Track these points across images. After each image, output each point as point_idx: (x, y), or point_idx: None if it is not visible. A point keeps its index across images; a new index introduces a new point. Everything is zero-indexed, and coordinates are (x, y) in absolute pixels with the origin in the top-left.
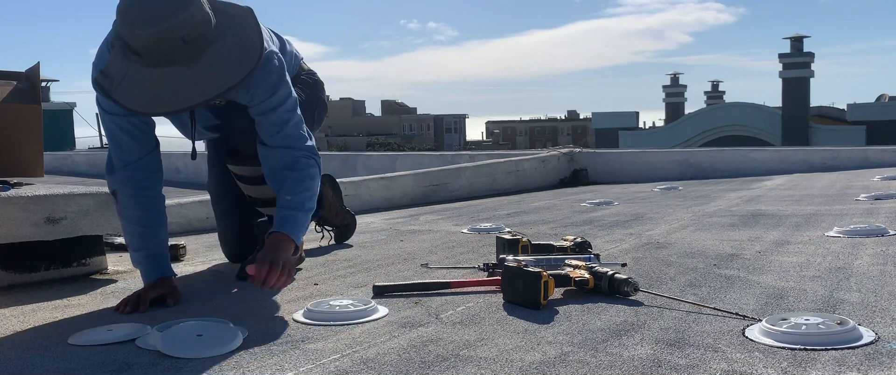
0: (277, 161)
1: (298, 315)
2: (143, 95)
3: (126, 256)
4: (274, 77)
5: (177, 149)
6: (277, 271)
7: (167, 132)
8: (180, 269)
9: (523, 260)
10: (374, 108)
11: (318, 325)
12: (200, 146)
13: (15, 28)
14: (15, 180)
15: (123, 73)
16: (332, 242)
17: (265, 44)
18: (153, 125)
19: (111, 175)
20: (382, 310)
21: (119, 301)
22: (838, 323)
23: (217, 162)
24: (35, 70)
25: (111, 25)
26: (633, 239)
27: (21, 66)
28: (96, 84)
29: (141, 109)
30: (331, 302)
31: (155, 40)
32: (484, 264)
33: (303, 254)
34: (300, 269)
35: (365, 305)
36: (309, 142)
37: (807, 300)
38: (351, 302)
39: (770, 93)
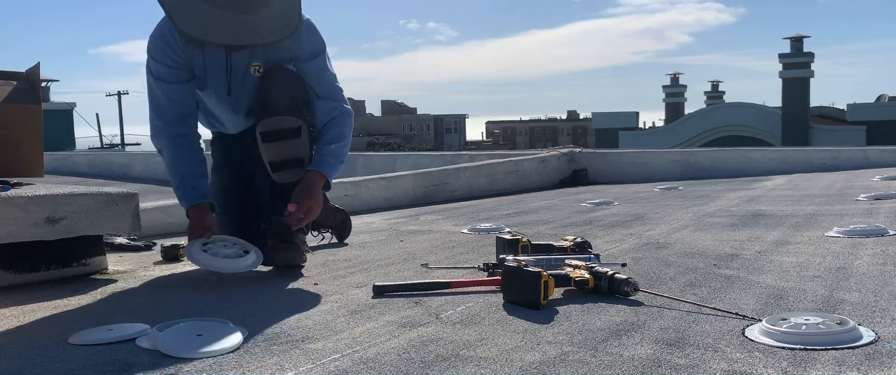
0: (325, 114)
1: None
2: (192, 21)
3: (126, 256)
4: (316, 35)
5: None
6: (311, 212)
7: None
8: (180, 269)
9: (523, 260)
10: (374, 108)
11: None
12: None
13: (15, 28)
14: (15, 180)
15: (185, 1)
16: (334, 240)
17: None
18: (192, 92)
19: (155, 138)
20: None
21: (118, 301)
22: (838, 323)
23: (223, 163)
24: (35, 70)
25: (114, 26)
26: (633, 239)
27: (21, 66)
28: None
29: (192, 32)
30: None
31: None
32: (484, 264)
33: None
34: (303, 267)
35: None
36: (346, 95)
37: (807, 300)
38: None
39: (770, 93)
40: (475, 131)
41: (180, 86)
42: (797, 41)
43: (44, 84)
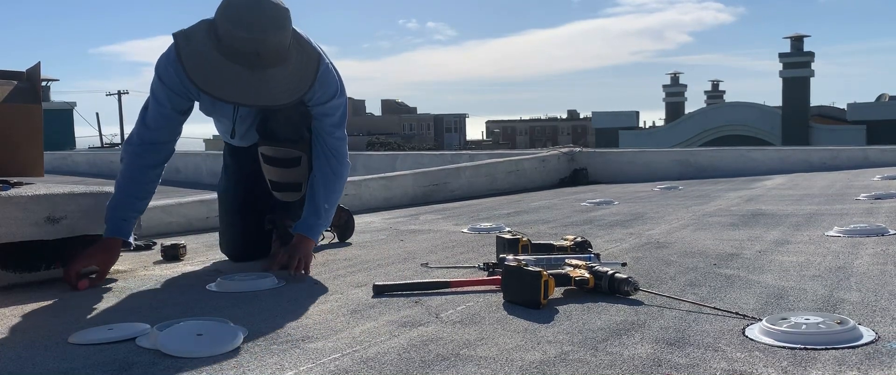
0: (320, 168)
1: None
2: (207, 77)
3: (126, 256)
4: (330, 82)
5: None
6: (302, 266)
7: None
8: (180, 269)
9: (523, 260)
10: (374, 108)
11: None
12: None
13: (15, 27)
14: (15, 180)
15: (201, 52)
16: (336, 240)
17: (323, 57)
18: (179, 125)
19: (127, 145)
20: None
21: (118, 300)
22: (838, 323)
23: (232, 164)
24: (35, 70)
25: (114, 26)
26: (633, 238)
27: (21, 66)
28: (173, 47)
29: (208, 90)
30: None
31: (245, 44)
32: (484, 263)
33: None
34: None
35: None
36: (347, 156)
37: (807, 299)
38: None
39: (770, 93)
40: (475, 131)
41: (174, 114)
42: (797, 41)
43: (44, 83)
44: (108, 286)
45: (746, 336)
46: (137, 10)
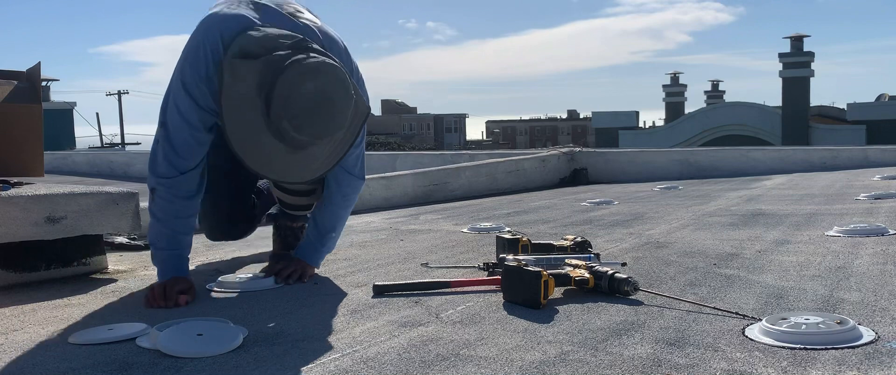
0: (331, 196)
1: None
2: (248, 148)
3: (126, 256)
4: (358, 150)
5: None
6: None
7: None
8: None
9: (523, 260)
10: (374, 108)
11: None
12: None
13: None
14: (15, 180)
15: (245, 115)
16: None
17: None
18: (208, 145)
19: (156, 176)
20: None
21: (118, 300)
22: (838, 323)
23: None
24: (35, 69)
25: (114, 26)
26: (633, 238)
27: (21, 66)
28: (206, 64)
29: (245, 158)
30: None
31: (300, 143)
32: (484, 263)
33: None
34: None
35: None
36: (361, 185)
37: (807, 299)
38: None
39: (770, 93)
40: (475, 131)
41: (205, 136)
42: (797, 41)
43: (44, 83)
44: (108, 286)
45: (746, 336)
46: (137, 10)
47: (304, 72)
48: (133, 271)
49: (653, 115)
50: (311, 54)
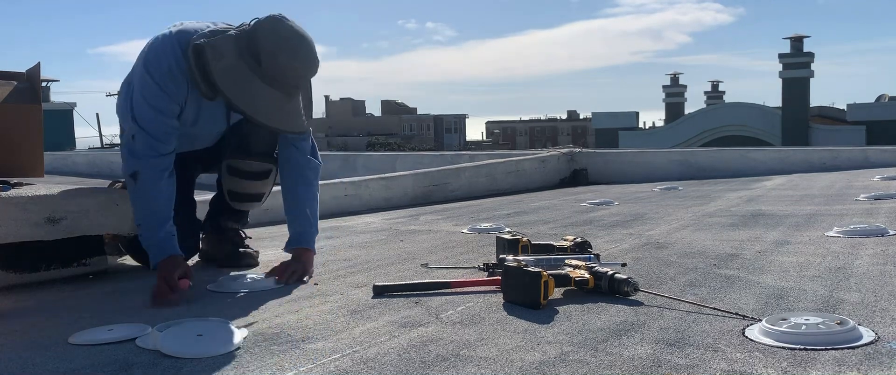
0: (295, 177)
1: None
2: (252, 102)
3: (126, 256)
4: (310, 140)
5: None
6: (307, 272)
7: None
8: None
9: (523, 260)
10: (374, 108)
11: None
12: None
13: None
14: (15, 180)
15: (237, 74)
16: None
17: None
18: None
19: (136, 158)
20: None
21: (118, 300)
22: (838, 323)
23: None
24: (35, 70)
25: (114, 26)
26: (633, 239)
27: (21, 66)
28: (173, 54)
29: (249, 111)
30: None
31: (296, 74)
32: (484, 264)
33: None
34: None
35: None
36: (318, 157)
37: (807, 300)
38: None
39: (770, 93)
40: (475, 131)
41: (176, 123)
42: (797, 41)
43: (44, 84)
44: (108, 286)
45: (746, 337)
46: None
47: (273, 21)
48: (133, 271)
49: (653, 116)
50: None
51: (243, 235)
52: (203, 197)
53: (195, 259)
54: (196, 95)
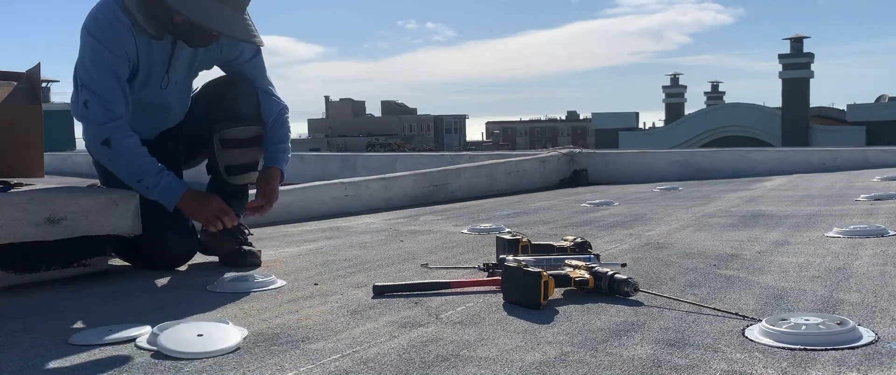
0: (270, 112)
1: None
2: (196, 10)
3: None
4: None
5: None
6: (273, 197)
7: None
8: (180, 269)
9: (523, 260)
10: (374, 109)
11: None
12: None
13: (15, 27)
14: (15, 180)
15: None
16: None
17: None
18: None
19: (101, 125)
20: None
21: (118, 300)
22: (838, 324)
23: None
24: (36, 70)
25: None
26: (633, 239)
27: (21, 66)
28: (107, 11)
29: (210, 24)
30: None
31: None
32: (484, 264)
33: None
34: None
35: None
36: (287, 109)
37: (807, 300)
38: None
39: (770, 94)
40: (475, 131)
41: (124, 83)
42: (797, 41)
43: (44, 84)
44: (108, 286)
45: (746, 337)
46: None
47: None
48: (133, 271)
49: (653, 116)
50: None
51: (247, 232)
52: None
53: (194, 260)
54: (145, 44)
